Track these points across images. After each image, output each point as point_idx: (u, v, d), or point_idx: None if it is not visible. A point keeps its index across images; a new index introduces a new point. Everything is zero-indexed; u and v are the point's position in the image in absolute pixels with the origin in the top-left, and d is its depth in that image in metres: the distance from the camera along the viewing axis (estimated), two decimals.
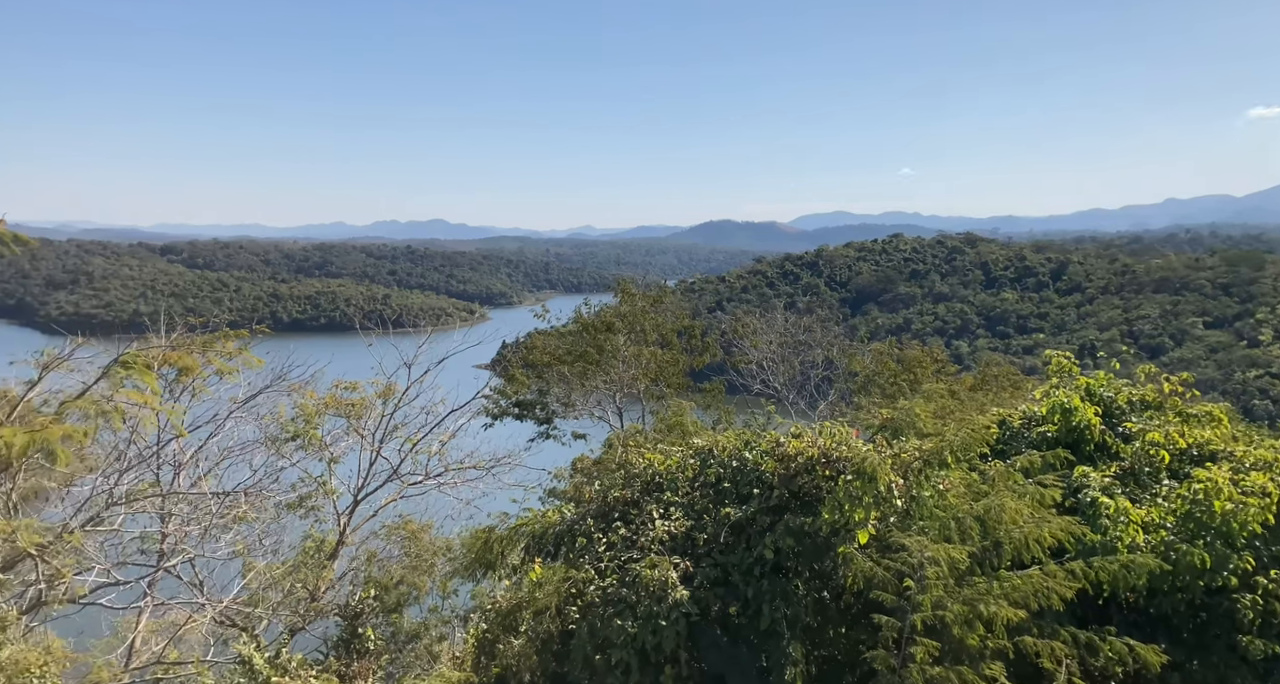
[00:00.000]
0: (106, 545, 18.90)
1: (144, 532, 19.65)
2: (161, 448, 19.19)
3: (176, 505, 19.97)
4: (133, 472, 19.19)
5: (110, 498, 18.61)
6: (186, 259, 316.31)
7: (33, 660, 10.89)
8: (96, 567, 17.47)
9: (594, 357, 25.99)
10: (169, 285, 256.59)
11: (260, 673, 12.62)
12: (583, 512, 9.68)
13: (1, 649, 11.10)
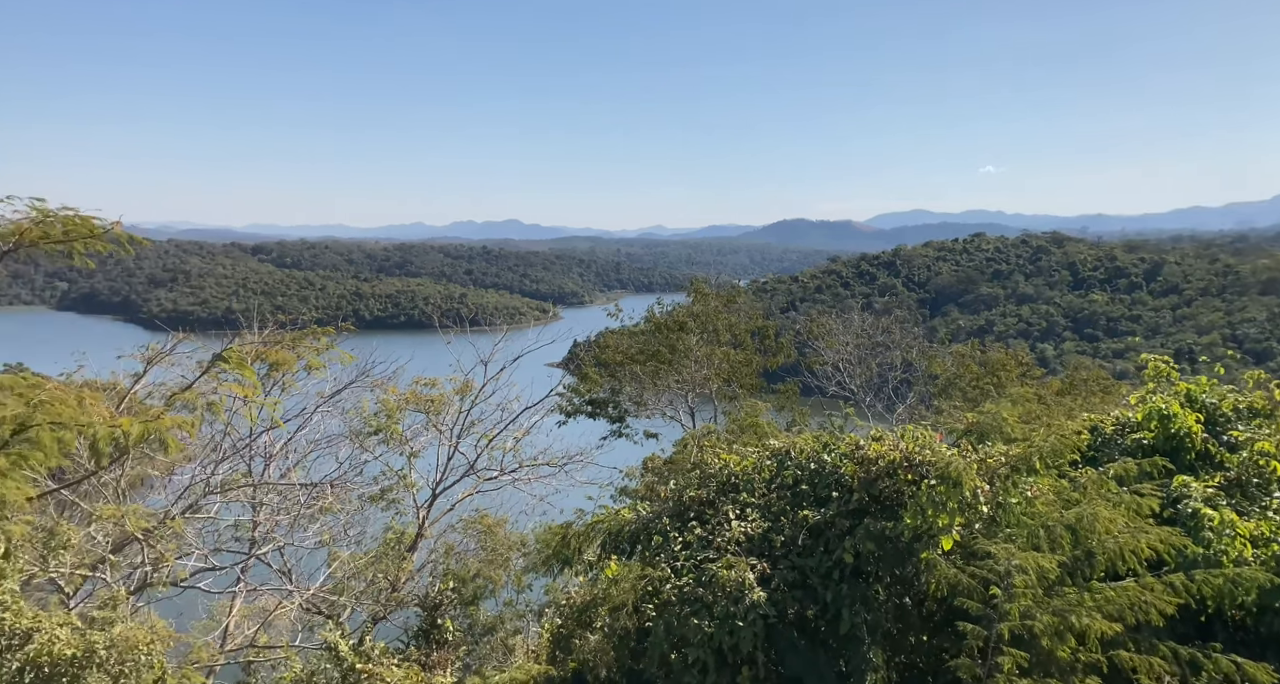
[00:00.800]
0: (204, 532, 19.89)
1: (238, 520, 20.60)
2: (254, 440, 20.10)
3: (267, 495, 20.88)
4: (227, 462, 20.15)
5: (207, 487, 19.60)
6: (276, 258, 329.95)
7: (141, 638, 11.51)
8: (195, 552, 18.41)
9: (666, 356, 26.04)
10: (259, 284, 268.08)
11: (345, 660, 13.05)
12: (658, 510, 9.73)
13: (113, 626, 11.76)
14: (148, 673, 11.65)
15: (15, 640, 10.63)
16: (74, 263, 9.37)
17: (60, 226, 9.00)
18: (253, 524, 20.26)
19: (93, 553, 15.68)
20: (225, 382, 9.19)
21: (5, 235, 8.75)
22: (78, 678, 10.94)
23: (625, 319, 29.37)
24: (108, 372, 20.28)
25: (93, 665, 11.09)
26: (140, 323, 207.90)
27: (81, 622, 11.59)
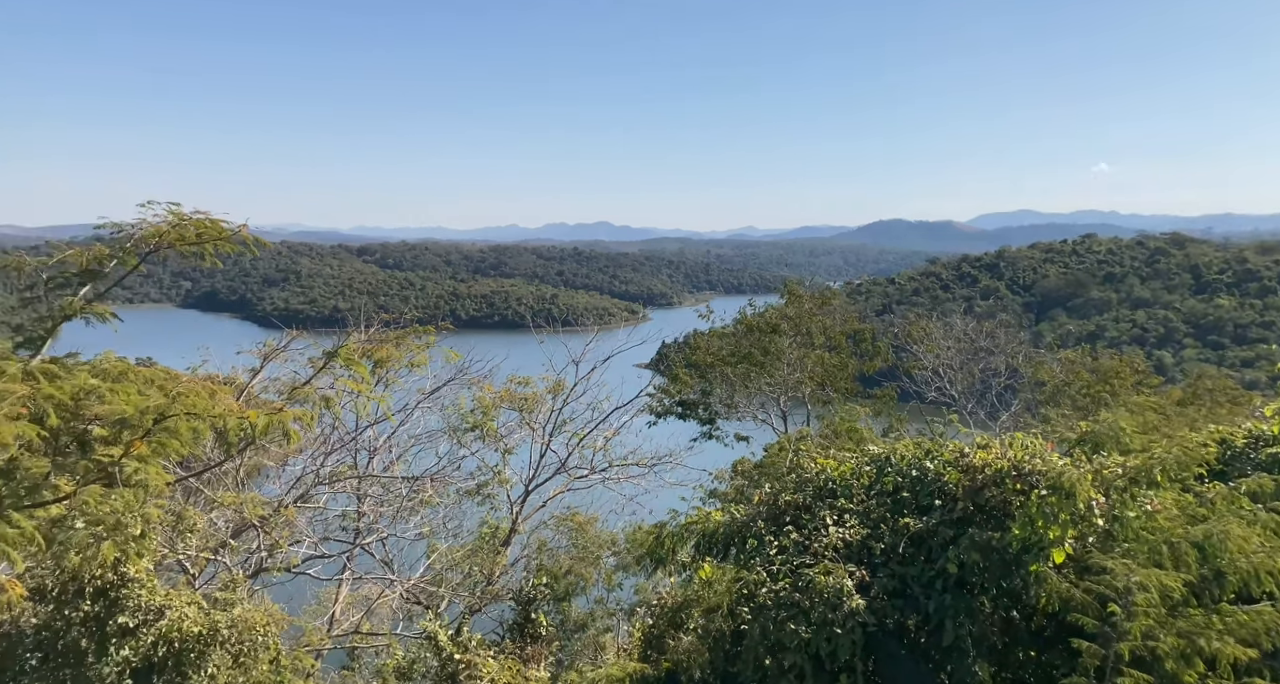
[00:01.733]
0: (314, 521, 20.89)
1: (345, 511, 21.56)
2: (359, 434, 20.99)
3: (371, 487, 21.76)
4: (335, 455, 21.11)
5: (317, 477, 20.59)
6: (379, 259, 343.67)
7: (259, 620, 12.19)
8: (306, 540, 19.37)
9: (758, 358, 25.80)
10: (364, 284, 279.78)
11: (444, 650, 13.46)
12: (753, 514, 9.67)
13: (234, 607, 12.51)
14: (264, 653, 12.33)
15: (150, 616, 11.43)
16: (205, 264, 10.01)
17: (194, 230, 9.65)
18: (358, 515, 21.16)
19: (215, 537, 16.68)
20: (340, 377, 9.64)
21: (147, 237, 9.43)
22: (203, 654, 11.69)
23: (716, 321, 29.25)
24: (228, 366, 21.50)
25: (216, 643, 11.82)
26: (255, 320, 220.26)
27: (206, 602, 12.38)
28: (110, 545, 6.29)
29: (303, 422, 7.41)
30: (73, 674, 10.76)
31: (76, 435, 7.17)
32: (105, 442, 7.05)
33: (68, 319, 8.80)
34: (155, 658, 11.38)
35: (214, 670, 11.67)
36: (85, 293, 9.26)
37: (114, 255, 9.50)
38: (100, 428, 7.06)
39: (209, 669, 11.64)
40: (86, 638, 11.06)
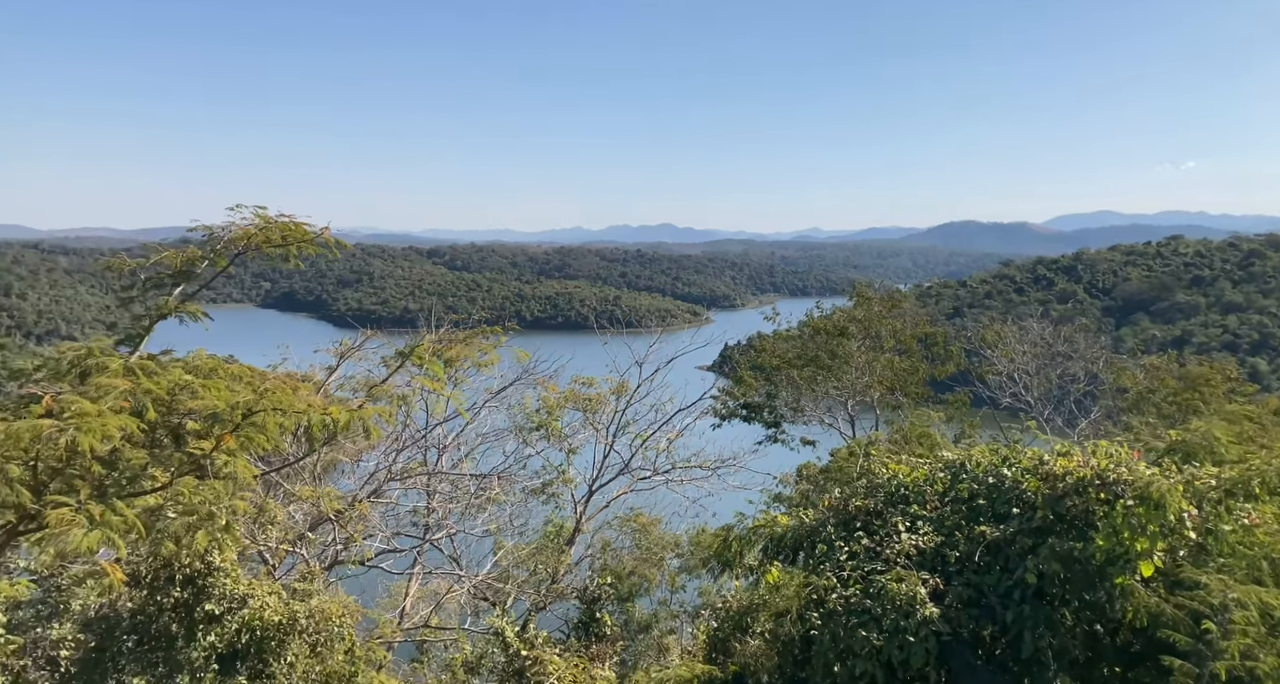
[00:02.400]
0: (386, 516, 21.44)
1: (415, 507, 22.06)
2: (429, 431, 21.46)
3: (440, 484, 22.24)
4: (406, 452, 21.63)
5: (389, 474, 21.14)
6: (448, 261, 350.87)
7: (334, 611, 12.59)
8: (379, 535, 19.90)
9: (825, 361, 25.43)
10: (433, 285, 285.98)
11: (511, 645, 13.64)
12: (822, 518, 9.55)
13: (311, 598, 12.94)
14: (339, 644, 12.72)
15: (234, 604, 11.92)
16: (289, 265, 10.38)
17: (279, 232, 10.02)
18: (428, 511, 21.64)
19: (293, 530, 17.27)
20: (416, 376, 9.89)
21: (235, 240, 9.84)
22: (283, 643, 12.12)
23: (781, 323, 28.95)
24: (306, 365, 22.20)
25: (295, 632, 12.25)
26: (330, 320, 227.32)
27: (285, 592, 12.84)
28: (203, 535, 6.58)
29: (383, 418, 7.62)
30: (164, 657, 11.29)
31: (171, 429, 7.51)
32: (197, 435, 7.37)
33: (163, 318, 9.25)
34: (239, 645, 11.87)
35: (293, 659, 12.10)
36: (179, 293, 9.72)
37: (205, 257, 9.94)
38: (193, 422, 7.37)
39: (288, 657, 12.07)
40: (176, 623, 11.60)
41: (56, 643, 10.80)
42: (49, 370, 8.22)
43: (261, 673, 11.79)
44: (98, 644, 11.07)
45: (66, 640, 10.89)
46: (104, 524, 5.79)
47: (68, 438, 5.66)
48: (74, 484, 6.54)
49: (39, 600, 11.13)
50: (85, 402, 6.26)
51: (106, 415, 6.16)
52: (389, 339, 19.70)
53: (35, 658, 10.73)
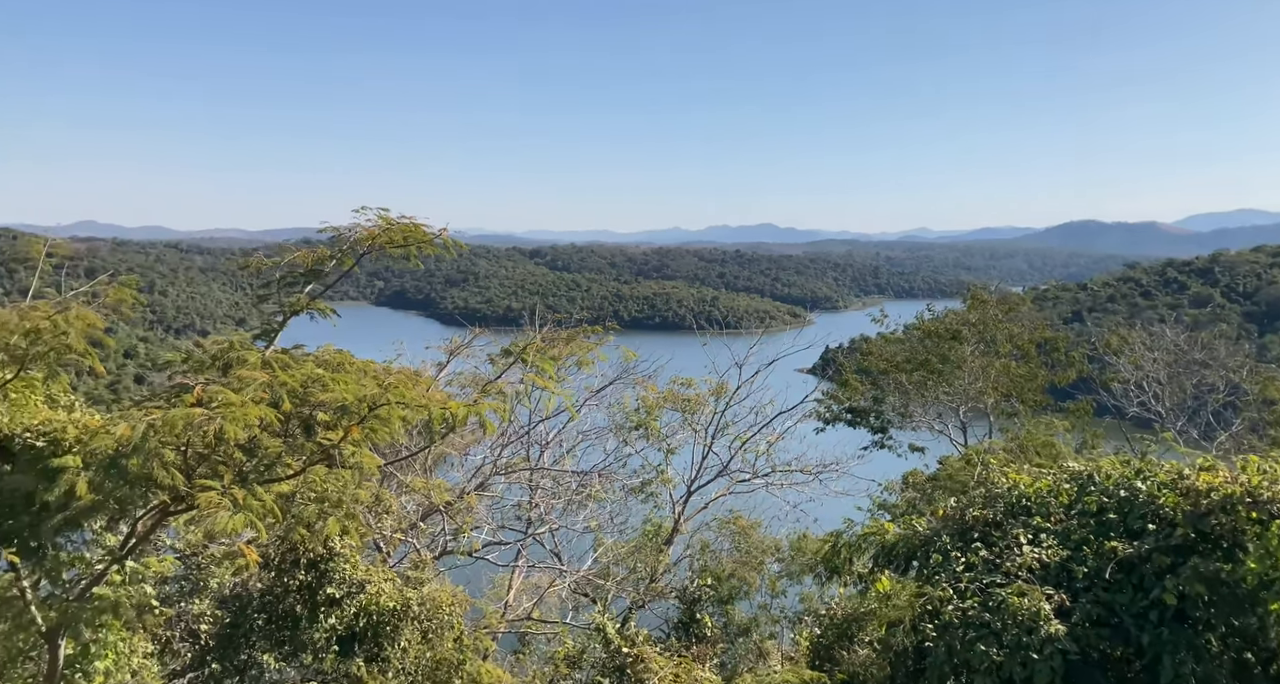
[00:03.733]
0: (492, 509, 22.04)
1: (520, 501, 22.59)
2: (532, 428, 21.93)
3: (542, 480, 22.70)
4: (510, 447, 22.19)
5: (494, 468, 21.72)
6: (549, 261, 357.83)
7: (444, 599, 13.03)
8: (485, 527, 20.47)
9: (936, 366, 24.54)
10: (534, 285, 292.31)
11: (612, 642, 13.76)
12: (937, 528, 9.23)
13: (422, 586, 13.44)
14: (448, 631, 13.16)
15: (353, 589, 12.51)
16: (410, 265, 10.81)
17: (400, 234, 10.45)
18: (530, 505, 22.13)
19: (406, 519, 17.96)
20: (527, 373, 10.12)
21: (361, 241, 10.31)
22: (397, 628, 12.64)
23: (890, 325, 28.13)
24: (418, 360, 23.04)
25: (408, 619, 12.75)
26: (438, 318, 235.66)
27: (399, 579, 13.38)
28: (334, 521, 6.92)
29: (498, 413, 7.84)
30: (290, 636, 11.96)
31: (303, 419, 7.90)
32: (326, 426, 7.73)
33: (295, 314, 9.79)
34: (356, 628, 12.45)
35: (405, 644, 12.60)
36: (309, 290, 10.27)
37: (333, 256, 10.47)
38: (323, 413, 7.74)
39: (401, 642, 12.58)
40: (301, 604, 12.27)
41: (197, 617, 11.59)
42: (194, 363, 8.84)
43: (377, 656, 12.32)
44: (232, 620, 11.83)
45: (206, 615, 11.68)
46: (246, 508, 6.16)
47: (215, 426, 6.05)
48: (218, 470, 6.98)
49: (182, 577, 11.98)
50: (230, 392, 6.68)
51: (249, 405, 6.55)
52: (495, 337, 20.27)
53: (180, 630, 11.55)
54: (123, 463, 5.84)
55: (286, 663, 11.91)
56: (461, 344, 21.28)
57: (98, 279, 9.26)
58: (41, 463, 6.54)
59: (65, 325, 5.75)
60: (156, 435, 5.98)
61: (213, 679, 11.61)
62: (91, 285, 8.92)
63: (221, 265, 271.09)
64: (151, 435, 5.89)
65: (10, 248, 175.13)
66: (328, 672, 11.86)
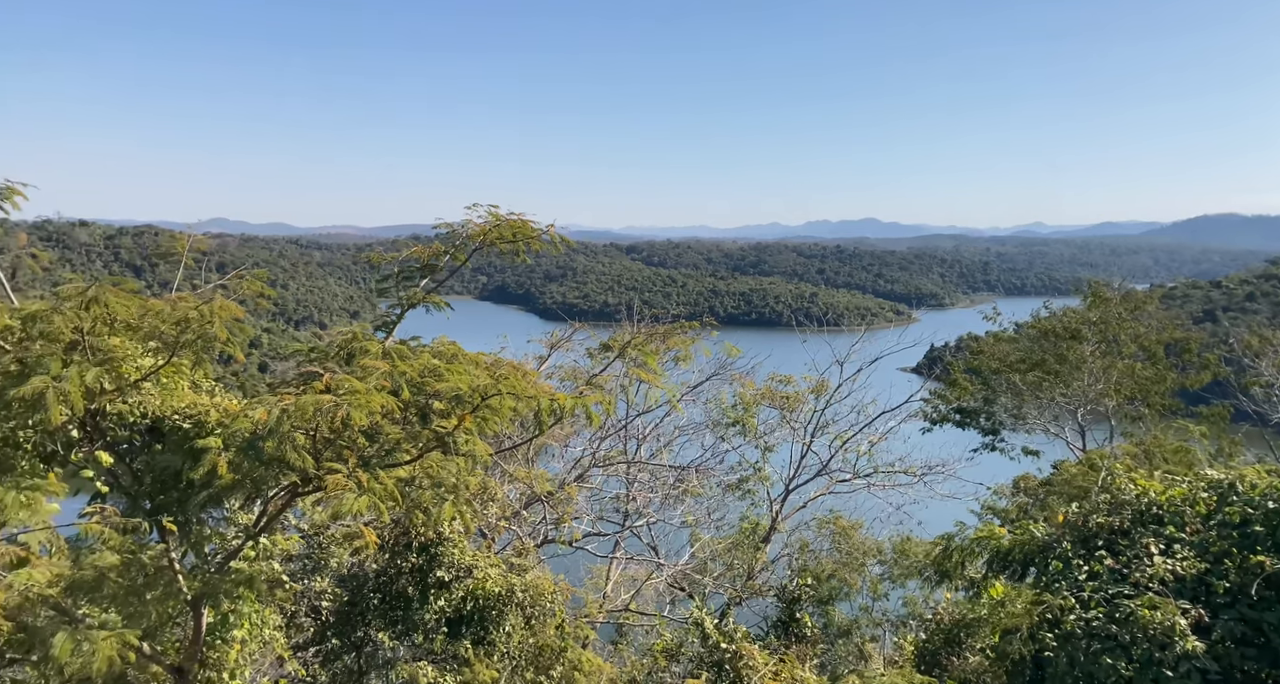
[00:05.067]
0: (591, 501, 22.38)
1: (618, 493, 22.85)
2: (630, 422, 22.12)
3: (640, 473, 22.89)
4: (609, 440, 22.46)
5: (593, 459, 22.05)
6: (645, 257, 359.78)
7: (547, 587, 13.31)
8: (585, 518, 20.81)
9: (1053, 366, 23.35)
10: (630, 280, 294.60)
11: (710, 637, 13.75)
12: (1056, 534, 8.80)
13: (526, 573, 13.77)
14: (550, 618, 13.44)
15: (461, 573, 12.94)
16: (518, 260, 11.07)
17: (510, 230, 10.72)
18: (628, 498, 22.35)
19: (509, 507, 18.44)
20: (631, 366, 10.21)
21: (473, 237, 10.63)
22: (502, 612, 12.99)
23: (1003, 323, 26.96)
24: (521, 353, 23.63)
25: (513, 604, 13.09)
26: (537, 312, 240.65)
27: (503, 566, 13.75)
28: (449, 506, 7.17)
29: (603, 406, 7.94)
30: (402, 616, 12.48)
31: (419, 408, 8.20)
32: (441, 414, 8.00)
33: (413, 307, 10.19)
34: (464, 611, 12.87)
35: (510, 629, 12.94)
36: (425, 284, 10.67)
37: (447, 251, 10.84)
38: (438, 402, 8.02)
39: (506, 627, 12.93)
40: (412, 586, 12.78)
41: (319, 594, 12.24)
42: (319, 352, 9.32)
43: (483, 640, 12.70)
44: (350, 598, 12.43)
45: (326, 593, 12.32)
46: (370, 490, 6.46)
47: (343, 413, 6.36)
48: (342, 454, 7.33)
49: (305, 555, 12.67)
50: (355, 381, 7.01)
51: (372, 393, 6.86)
52: (594, 332, 20.56)
53: (304, 606, 12.23)
54: (259, 445, 6.21)
55: (399, 641, 12.43)
56: (562, 338, 21.68)
57: (233, 273, 9.87)
58: (187, 443, 7.05)
59: (210, 315, 6.17)
60: (289, 420, 6.33)
61: (332, 654, 12.24)
62: (228, 278, 9.50)
63: (337, 260, 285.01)
64: (285, 420, 6.24)
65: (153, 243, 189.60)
66: (437, 652, 12.31)
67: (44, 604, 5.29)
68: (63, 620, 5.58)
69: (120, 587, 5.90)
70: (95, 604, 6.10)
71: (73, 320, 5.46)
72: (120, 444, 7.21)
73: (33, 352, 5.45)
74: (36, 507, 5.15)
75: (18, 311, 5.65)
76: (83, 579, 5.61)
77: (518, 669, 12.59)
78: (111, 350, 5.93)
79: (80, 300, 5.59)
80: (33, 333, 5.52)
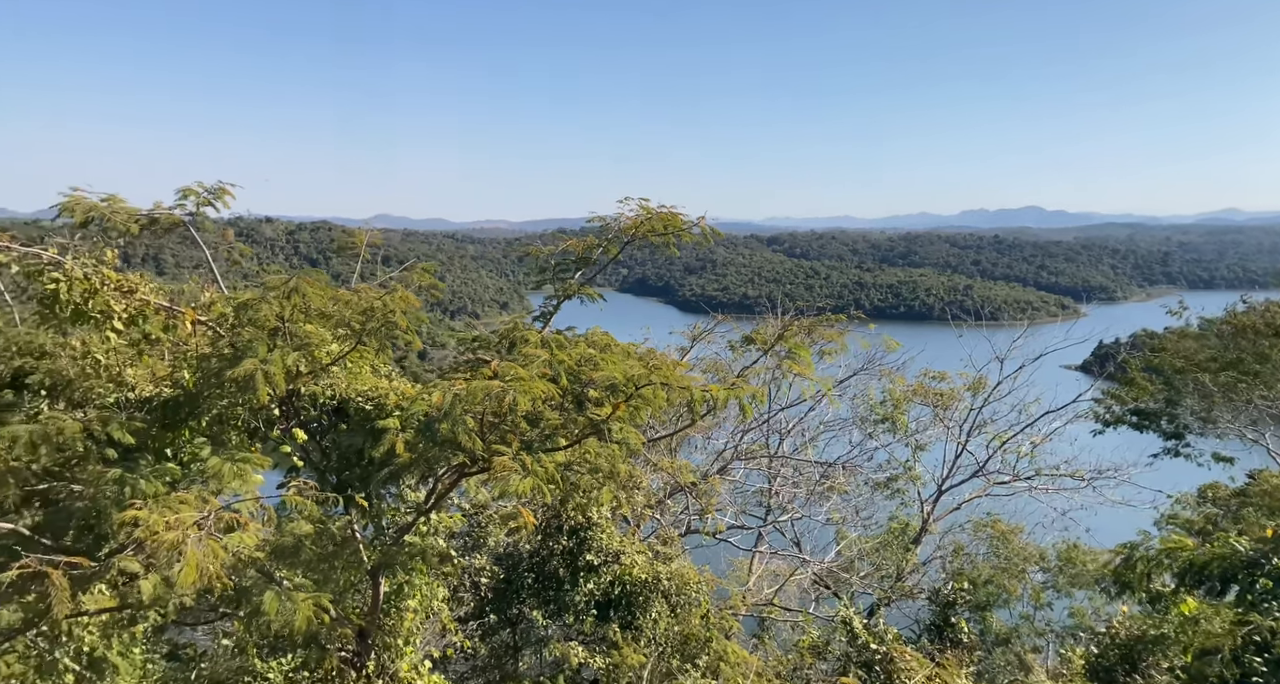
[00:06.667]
0: (733, 494, 22.35)
1: (760, 488, 22.71)
2: (772, 416, 21.89)
3: (783, 468, 22.63)
4: (751, 433, 22.33)
5: (735, 452, 21.99)
6: (787, 249, 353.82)
7: (691, 576, 13.42)
8: (728, 510, 20.81)
9: (1252, 366, 21.02)
10: (771, 272, 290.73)
11: (859, 636, 13.41)
12: (1264, 549, 7.95)
13: (672, 561, 13.93)
14: (695, 608, 13.54)
15: (609, 558, 13.25)
16: (669, 252, 11.16)
17: (661, 223, 10.81)
18: (771, 493, 22.16)
19: (653, 496, 18.71)
20: (783, 359, 10.08)
21: (625, 230, 10.80)
22: (648, 599, 13.21)
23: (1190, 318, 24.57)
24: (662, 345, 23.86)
25: (659, 592, 13.29)
26: (676, 304, 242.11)
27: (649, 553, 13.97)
28: (607, 491, 7.35)
29: (756, 398, 7.87)
30: (554, 596, 12.94)
31: (576, 395, 8.42)
32: (595, 402, 8.18)
33: (568, 298, 10.49)
34: (612, 595, 13.19)
35: (656, 615, 13.14)
36: (579, 276, 10.95)
37: (600, 245, 11.07)
38: (593, 390, 8.21)
39: (652, 613, 13.13)
40: (563, 568, 13.22)
41: (479, 570, 12.89)
42: (482, 340, 9.77)
43: (630, 624, 12.96)
44: (506, 576, 13.02)
45: (485, 570, 12.95)
46: (533, 473, 6.72)
47: (510, 398, 6.64)
48: (505, 437, 7.65)
49: (465, 533, 13.38)
50: (518, 368, 7.29)
51: (535, 380, 7.11)
52: (736, 324, 20.47)
53: (466, 581, 12.91)
54: (435, 426, 6.58)
55: (551, 621, 12.89)
56: (704, 331, 21.72)
57: (404, 266, 10.49)
58: (368, 423, 7.58)
59: (392, 305, 6.61)
60: (460, 403, 6.67)
61: (490, 628, 12.85)
62: (401, 270, 10.10)
63: (489, 253, 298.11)
64: (457, 403, 6.58)
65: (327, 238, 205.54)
66: (587, 633, 12.67)
67: (252, 566, 5.88)
68: (266, 582, 6.17)
69: (313, 554, 6.44)
70: (291, 568, 6.69)
71: (276, 309, 6.01)
72: (310, 423, 7.85)
73: (243, 336, 6.05)
74: (246, 477, 5.73)
75: (232, 300, 6.29)
76: (284, 545, 6.19)
77: (664, 655, 12.76)
78: (307, 336, 6.47)
79: (283, 290, 6.15)
80: (243, 320, 6.13)
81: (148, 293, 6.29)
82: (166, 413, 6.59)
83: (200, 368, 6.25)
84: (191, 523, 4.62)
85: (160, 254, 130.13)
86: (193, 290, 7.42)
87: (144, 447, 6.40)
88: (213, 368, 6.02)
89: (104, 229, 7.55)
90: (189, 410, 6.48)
